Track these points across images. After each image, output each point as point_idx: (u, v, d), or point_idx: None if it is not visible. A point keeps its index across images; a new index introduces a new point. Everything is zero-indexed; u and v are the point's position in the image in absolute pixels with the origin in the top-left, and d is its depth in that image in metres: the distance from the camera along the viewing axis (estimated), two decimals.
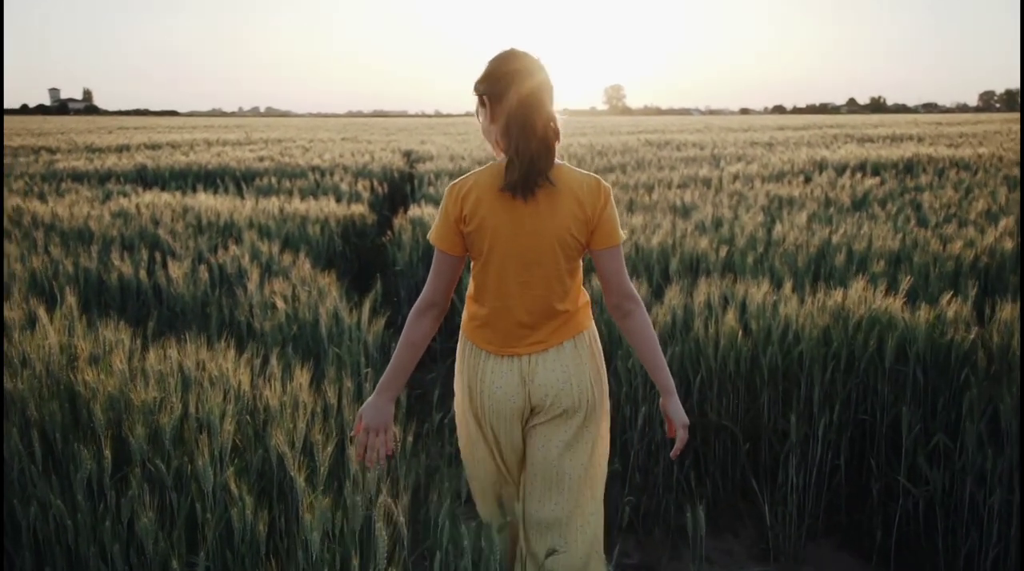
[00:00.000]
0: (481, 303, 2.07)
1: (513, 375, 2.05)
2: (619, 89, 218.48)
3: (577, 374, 2.05)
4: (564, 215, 1.95)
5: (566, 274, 2.01)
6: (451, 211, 1.99)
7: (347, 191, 7.95)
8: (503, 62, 1.98)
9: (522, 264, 1.98)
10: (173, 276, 4.07)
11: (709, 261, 4.76)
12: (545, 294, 2.01)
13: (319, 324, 3.72)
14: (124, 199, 6.46)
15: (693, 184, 7.98)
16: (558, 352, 2.04)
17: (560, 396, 2.05)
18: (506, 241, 1.96)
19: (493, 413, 2.09)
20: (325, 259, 5.80)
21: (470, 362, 2.11)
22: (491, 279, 2.02)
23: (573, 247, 1.98)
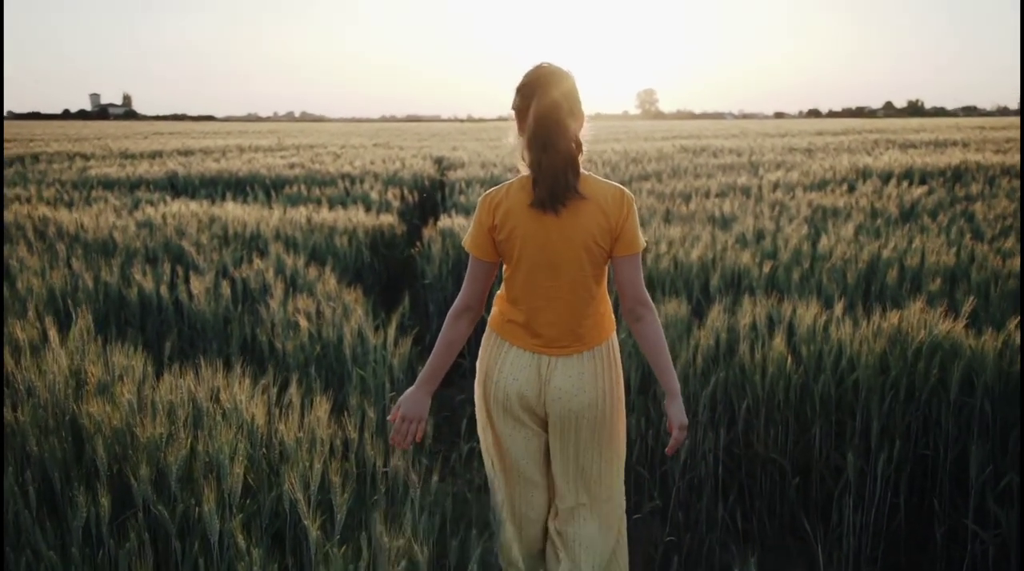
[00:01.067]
0: (511, 304, 2.17)
1: (531, 370, 2.15)
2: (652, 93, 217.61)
3: (592, 384, 2.14)
4: (589, 224, 2.03)
5: (591, 280, 2.10)
6: (484, 220, 2.10)
7: (377, 200, 7.81)
8: (526, 77, 2.07)
9: (550, 270, 2.07)
10: (195, 292, 3.93)
11: (752, 277, 4.53)
12: (571, 299, 2.10)
13: (343, 344, 3.56)
14: (151, 208, 6.36)
15: (732, 193, 7.73)
16: (578, 360, 2.13)
17: (571, 402, 2.14)
18: (535, 249, 2.06)
19: (506, 400, 2.18)
20: (353, 272, 5.65)
21: (493, 352, 2.21)
22: (520, 283, 2.11)
23: (598, 254, 2.07)
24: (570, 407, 2.14)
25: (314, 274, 4.58)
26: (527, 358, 2.15)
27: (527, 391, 2.15)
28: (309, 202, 7.48)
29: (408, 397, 2.21)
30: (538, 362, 2.14)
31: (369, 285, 5.85)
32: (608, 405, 2.19)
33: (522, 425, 2.22)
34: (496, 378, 2.19)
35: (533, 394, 2.16)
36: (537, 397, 2.16)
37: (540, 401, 2.17)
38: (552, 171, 1.99)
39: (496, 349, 2.20)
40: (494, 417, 2.24)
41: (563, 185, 2.00)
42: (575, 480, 2.24)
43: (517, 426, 2.22)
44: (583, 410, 2.15)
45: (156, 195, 7.99)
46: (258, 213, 6.30)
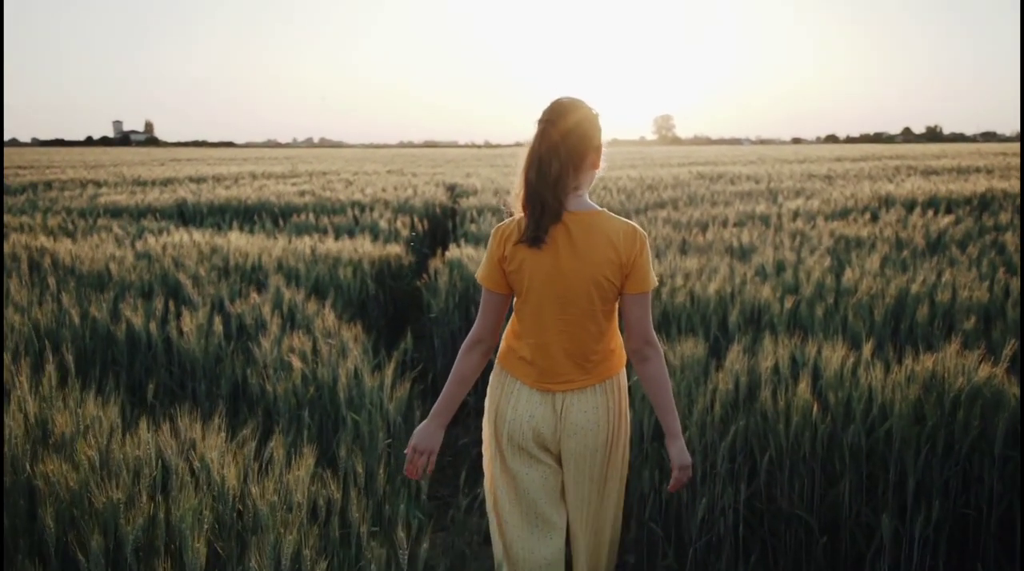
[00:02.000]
0: (521, 338, 2.16)
1: (546, 407, 2.13)
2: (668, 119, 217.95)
3: (605, 419, 2.15)
4: (599, 260, 2.04)
5: (601, 315, 2.10)
6: (495, 252, 2.11)
7: (386, 229, 7.63)
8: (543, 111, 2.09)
9: (559, 304, 2.07)
10: (185, 329, 3.74)
11: (772, 313, 4.29)
12: (580, 333, 2.09)
13: (337, 386, 3.35)
14: (153, 238, 6.21)
15: (750, 222, 7.49)
16: (591, 394, 2.13)
17: (587, 437, 2.14)
18: (543, 282, 2.06)
19: (521, 438, 2.15)
20: (356, 305, 5.46)
21: (505, 390, 2.19)
22: (529, 316, 2.11)
23: (608, 290, 2.06)
24: (586, 442, 2.14)
25: (314, 309, 4.39)
26: (539, 396, 2.14)
27: (543, 428, 2.15)
28: (316, 231, 7.31)
29: (421, 430, 2.21)
30: (552, 399, 2.14)
31: (374, 318, 5.67)
32: (621, 437, 2.22)
33: (538, 462, 2.19)
34: (510, 416, 2.17)
35: (549, 431, 2.15)
36: (553, 434, 2.15)
37: (556, 438, 2.16)
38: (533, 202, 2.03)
39: (508, 387, 2.19)
40: (507, 456, 2.21)
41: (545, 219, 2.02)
42: (588, 519, 2.24)
43: (533, 463, 2.19)
44: (599, 445, 2.16)
45: (162, 224, 7.87)
46: (262, 243, 6.13)
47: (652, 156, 33.78)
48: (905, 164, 18.55)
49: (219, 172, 16.89)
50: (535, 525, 2.21)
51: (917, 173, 14.96)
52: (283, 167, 20.61)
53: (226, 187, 12.28)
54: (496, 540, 2.28)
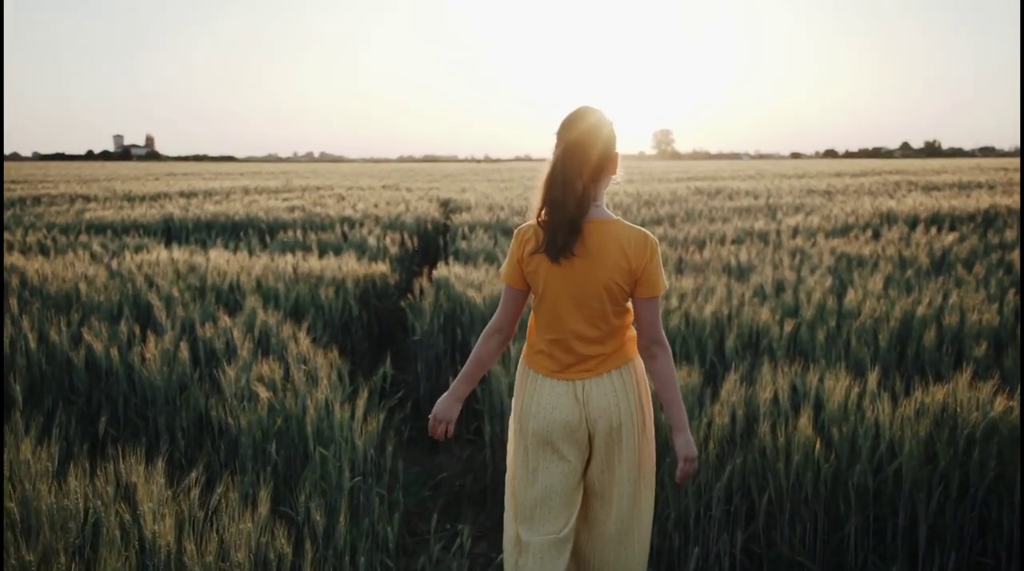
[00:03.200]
0: (538, 334, 2.28)
1: (568, 396, 2.22)
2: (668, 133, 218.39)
3: (625, 399, 2.23)
4: (611, 266, 2.14)
5: (612, 315, 2.20)
6: (515, 252, 2.25)
7: (374, 246, 7.41)
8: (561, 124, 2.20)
9: (573, 304, 2.19)
10: (148, 355, 3.52)
11: (772, 337, 4.08)
12: (591, 330, 2.20)
13: (306, 418, 3.13)
14: (131, 256, 6.00)
15: (749, 239, 7.29)
16: (609, 378, 2.22)
17: (612, 417, 2.21)
18: (558, 283, 2.18)
19: (548, 431, 2.24)
20: (339, 326, 5.24)
21: (528, 387, 2.29)
22: (546, 314, 2.24)
23: (619, 293, 2.18)
24: (611, 422, 2.22)
25: (289, 332, 4.17)
26: (561, 387, 2.23)
27: (570, 418, 2.22)
28: (301, 249, 7.10)
29: (441, 402, 2.38)
30: (573, 388, 2.23)
31: (357, 341, 5.45)
32: (641, 421, 2.26)
33: (561, 458, 2.26)
34: (534, 411, 2.26)
35: (575, 419, 2.22)
36: (579, 421, 2.22)
37: (583, 425, 2.23)
38: (555, 220, 2.12)
39: (531, 383, 2.29)
40: (531, 452, 2.28)
41: (565, 236, 2.11)
42: (618, 503, 2.28)
43: (555, 459, 2.26)
44: (624, 423, 2.23)
45: (145, 240, 7.65)
46: (243, 261, 5.91)
47: (650, 171, 33.64)
48: (905, 179, 18.37)
49: (211, 187, 16.67)
50: (548, 511, 2.29)
51: (918, 189, 14.76)
52: (278, 182, 20.39)
53: (216, 202, 12.07)
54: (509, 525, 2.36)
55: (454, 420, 2.38)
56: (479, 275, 5.34)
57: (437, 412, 2.39)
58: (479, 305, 4.78)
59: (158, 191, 15.22)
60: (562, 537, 2.27)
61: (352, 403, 3.22)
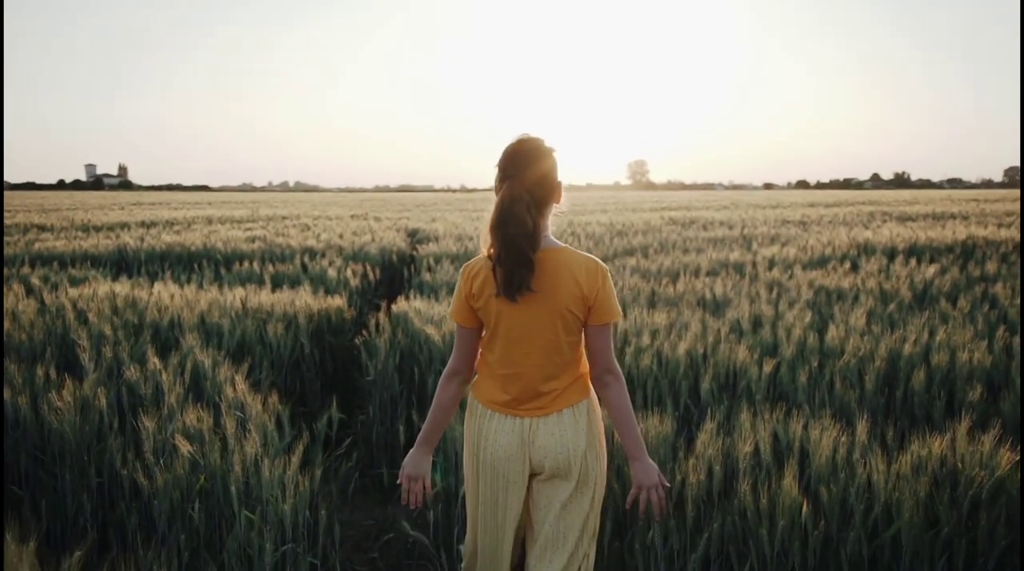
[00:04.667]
0: (489, 368, 2.24)
1: (514, 435, 2.19)
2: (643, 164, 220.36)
3: (573, 440, 2.17)
4: (563, 294, 2.11)
5: (566, 346, 2.16)
6: (463, 288, 2.20)
7: (334, 277, 7.06)
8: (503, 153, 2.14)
9: (525, 336, 2.14)
10: (58, 403, 3.14)
11: (750, 377, 3.78)
12: (546, 363, 2.16)
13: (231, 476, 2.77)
14: (70, 290, 5.61)
15: (724, 271, 7.02)
16: (558, 418, 2.17)
17: (558, 459, 2.17)
18: (509, 316, 2.14)
19: (493, 468, 2.21)
20: (288, 365, 4.88)
21: (477, 421, 2.25)
22: (498, 349, 2.19)
23: (572, 322, 2.14)
24: (557, 464, 2.17)
25: (227, 374, 3.81)
26: (509, 423, 2.20)
27: (513, 454, 2.19)
28: (254, 282, 6.74)
29: (409, 458, 2.32)
30: (520, 426, 2.19)
31: (310, 380, 5.08)
32: (592, 461, 2.20)
33: (515, 486, 2.22)
34: (483, 446, 2.23)
35: (519, 457, 2.19)
36: (523, 459, 2.19)
37: (526, 463, 2.19)
38: (510, 257, 2.05)
39: (480, 417, 2.25)
40: (481, 485, 2.26)
41: (521, 273, 2.06)
42: (554, 542, 2.22)
43: (510, 487, 2.22)
44: (570, 466, 2.17)
45: (92, 272, 7.25)
46: (190, 295, 5.55)
47: (624, 200, 33.59)
48: (879, 210, 18.33)
49: (174, 216, 16.23)
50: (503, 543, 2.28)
51: (892, 219, 14.66)
52: (244, 211, 19.98)
53: (176, 233, 11.67)
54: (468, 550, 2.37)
55: (428, 475, 2.32)
56: (441, 309, 5.02)
57: (408, 470, 2.32)
58: (437, 342, 4.45)
59: (118, 221, 14.77)
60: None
61: (287, 456, 2.87)
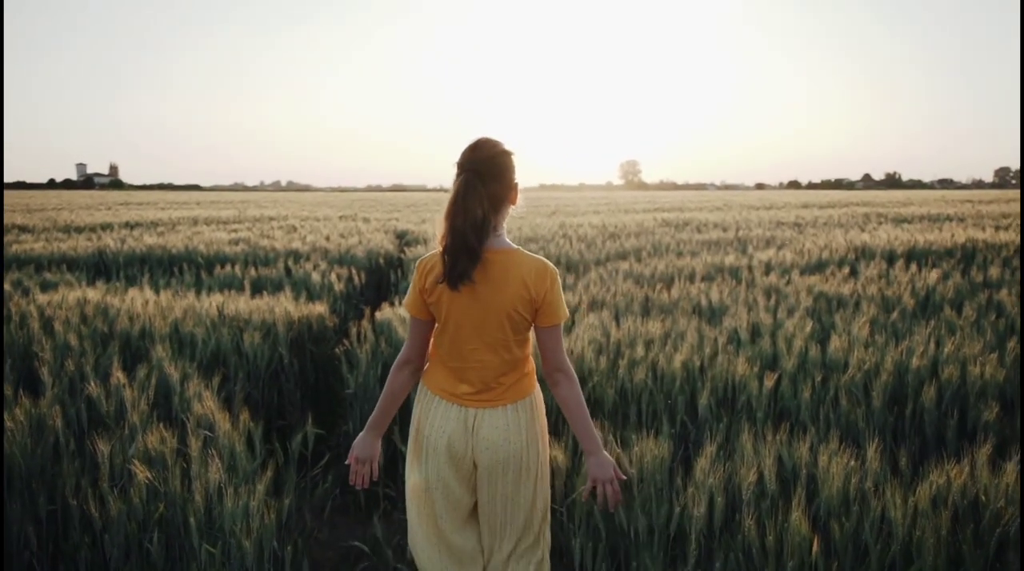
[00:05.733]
0: (439, 359, 2.30)
1: (459, 423, 2.24)
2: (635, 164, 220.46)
3: (516, 435, 2.24)
4: (511, 294, 2.16)
5: (514, 344, 2.23)
6: (417, 282, 2.25)
7: (317, 282, 6.84)
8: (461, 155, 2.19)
9: (473, 332, 2.21)
10: (9, 424, 2.91)
11: (750, 392, 3.58)
12: (493, 358, 2.23)
13: (190, 506, 2.55)
14: (40, 296, 5.38)
15: (720, 276, 6.83)
16: (503, 412, 2.24)
17: (497, 453, 2.23)
18: (459, 312, 2.19)
19: (436, 452, 2.26)
20: (265, 377, 4.65)
21: (423, 405, 2.31)
22: (447, 342, 2.25)
23: (519, 322, 2.20)
24: (497, 457, 2.24)
25: (197, 388, 3.58)
26: (455, 411, 2.25)
27: (456, 442, 2.24)
28: (237, 286, 6.50)
29: (359, 442, 2.39)
30: (464, 414, 2.24)
31: (289, 391, 4.86)
32: (533, 455, 2.28)
33: (445, 486, 2.28)
34: (427, 431, 2.28)
35: (461, 445, 2.24)
36: (465, 447, 2.25)
37: (468, 452, 2.25)
38: (455, 246, 2.11)
39: (427, 402, 2.30)
40: (422, 471, 2.30)
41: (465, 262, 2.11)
42: (501, 530, 2.34)
43: (440, 486, 2.28)
44: (510, 460, 2.25)
45: (67, 276, 7.01)
46: (166, 302, 5.32)
47: (617, 201, 33.41)
48: (874, 211, 18.16)
49: (159, 217, 15.94)
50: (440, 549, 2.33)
51: (888, 221, 14.50)
52: (231, 212, 19.69)
53: (159, 234, 11.41)
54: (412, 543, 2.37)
55: (376, 458, 2.39)
56: None
57: (358, 453, 2.38)
58: None
59: (102, 222, 14.49)
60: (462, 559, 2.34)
61: (254, 483, 2.65)
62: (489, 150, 2.16)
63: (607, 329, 4.54)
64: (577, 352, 3.96)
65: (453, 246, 2.11)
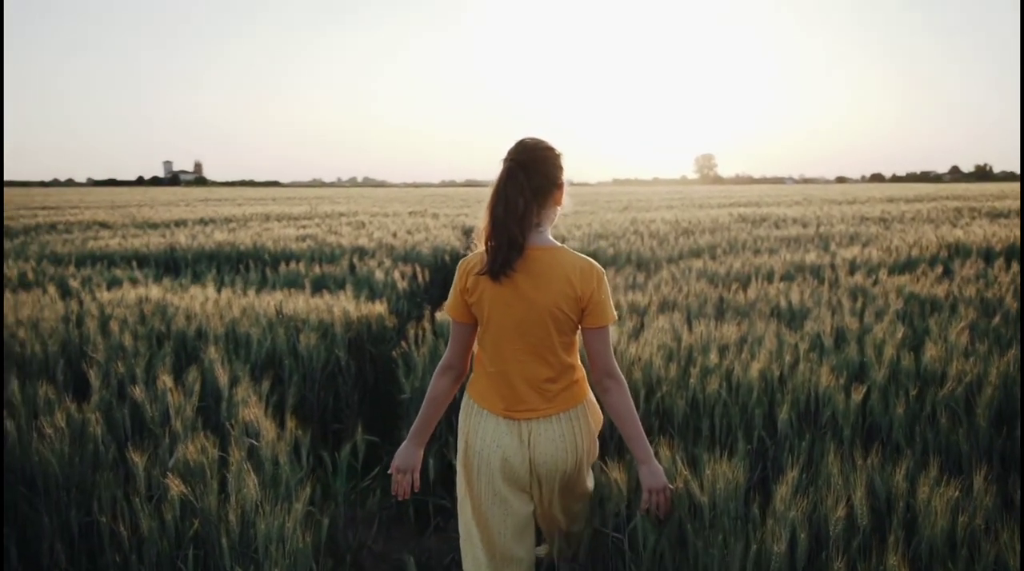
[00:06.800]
0: (483, 366, 2.26)
1: (512, 437, 2.20)
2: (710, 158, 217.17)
3: (573, 444, 2.22)
4: (555, 293, 2.14)
5: (559, 348, 2.19)
6: (458, 283, 2.23)
7: (381, 280, 6.70)
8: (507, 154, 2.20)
9: (517, 334, 2.17)
10: (48, 430, 2.81)
11: (836, 406, 3.25)
12: (538, 362, 2.18)
13: (224, 525, 2.39)
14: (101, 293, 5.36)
15: (800, 275, 6.43)
16: (556, 422, 2.20)
17: (557, 464, 2.21)
18: (502, 312, 2.17)
19: (488, 468, 2.21)
20: (321, 379, 4.51)
21: (472, 420, 2.26)
22: (490, 345, 2.21)
23: (564, 323, 2.16)
24: (557, 468, 2.21)
25: (245, 393, 3.45)
26: (505, 425, 2.20)
27: (512, 457, 2.19)
28: (296, 285, 6.42)
29: (401, 450, 2.34)
30: (518, 429, 2.19)
31: (346, 396, 4.70)
32: (585, 462, 2.30)
33: (502, 500, 2.24)
34: (478, 447, 2.23)
35: (518, 460, 2.20)
36: (522, 462, 2.20)
37: (526, 465, 2.20)
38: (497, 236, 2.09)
39: (475, 416, 2.25)
40: (474, 487, 2.26)
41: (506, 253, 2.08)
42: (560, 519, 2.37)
43: (496, 500, 2.24)
44: (570, 471, 2.24)
45: (135, 273, 7.05)
46: (224, 300, 5.24)
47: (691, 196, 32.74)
48: (966, 206, 17.23)
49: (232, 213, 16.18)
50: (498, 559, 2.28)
51: (982, 215, 13.70)
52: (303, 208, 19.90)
53: (231, 230, 11.51)
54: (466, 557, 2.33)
55: (417, 468, 2.34)
56: None
57: (399, 463, 2.33)
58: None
59: (177, 218, 14.76)
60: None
61: (294, 498, 2.48)
62: (533, 144, 2.17)
63: (678, 333, 4.25)
64: (645, 358, 3.69)
65: (495, 236, 2.11)
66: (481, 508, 2.27)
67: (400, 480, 2.34)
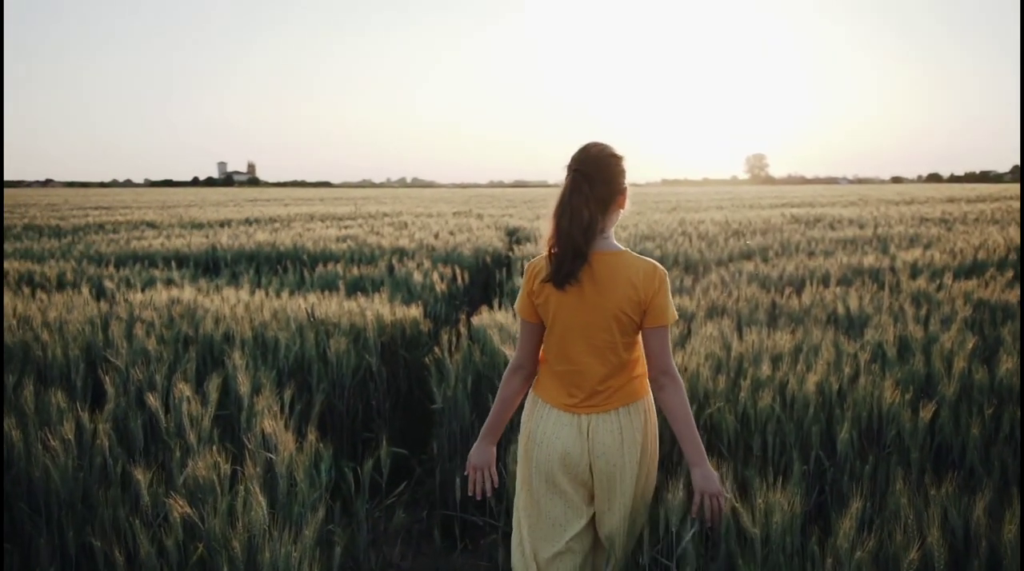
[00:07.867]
0: (548, 364, 2.32)
1: (572, 429, 2.24)
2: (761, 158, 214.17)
3: (631, 438, 2.24)
4: (619, 296, 2.18)
5: (621, 347, 2.23)
6: (527, 285, 2.28)
7: (419, 282, 6.52)
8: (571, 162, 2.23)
9: (580, 334, 2.22)
10: (52, 442, 2.66)
11: (901, 425, 2.96)
12: (602, 362, 2.22)
13: (228, 549, 2.21)
14: (133, 295, 5.27)
15: (858, 279, 6.08)
16: (615, 417, 2.24)
17: (613, 456, 2.23)
18: (567, 314, 2.22)
19: (549, 460, 2.25)
20: (351, 386, 4.33)
21: (535, 414, 2.31)
22: (555, 345, 2.27)
23: (627, 324, 2.21)
24: (613, 463, 2.23)
25: (265, 403, 3.27)
26: (567, 418, 2.24)
27: (571, 449, 2.23)
28: (333, 286, 6.27)
29: (475, 449, 2.41)
30: (577, 421, 2.23)
31: (377, 404, 4.51)
32: (644, 458, 2.28)
33: (561, 492, 2.27)
34: (539, 439, 2.27)
35: (577, 452, 2.23)
36: (581, 455, 2.24)
37: (585, 460, 2.24)
38: (562, 246, 2.15)
39: (538, 412, 2.30)
40: (533, 480, 2.30)
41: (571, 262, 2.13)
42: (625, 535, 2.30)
43: (555, 494, 2.28)
44: (627, 465, 2.24)
45: (174, 273, 6.98)
46: (256, 303, 5.10)
47: (741, 196, 32.13)
48: None
49: (278, 213, 16.22)
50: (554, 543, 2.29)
51: None
52: (348, 208, 19.90)
53: (273, 230, 11.47)
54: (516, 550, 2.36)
55: (492, 463, 2.40)
56: None
57: (475, 462, 2.40)
58: None
59: (224, 218, 14.81)
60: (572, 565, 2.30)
61: (301, 523, 2.29)
62: (597, 152, 2.19)
63: (728, 341, 3.98)
64: (692, 369, 3.42)
65: (560, 246, 2.15)
66: (539, 500, 2.31)
67: (476, 478, 2.40)
